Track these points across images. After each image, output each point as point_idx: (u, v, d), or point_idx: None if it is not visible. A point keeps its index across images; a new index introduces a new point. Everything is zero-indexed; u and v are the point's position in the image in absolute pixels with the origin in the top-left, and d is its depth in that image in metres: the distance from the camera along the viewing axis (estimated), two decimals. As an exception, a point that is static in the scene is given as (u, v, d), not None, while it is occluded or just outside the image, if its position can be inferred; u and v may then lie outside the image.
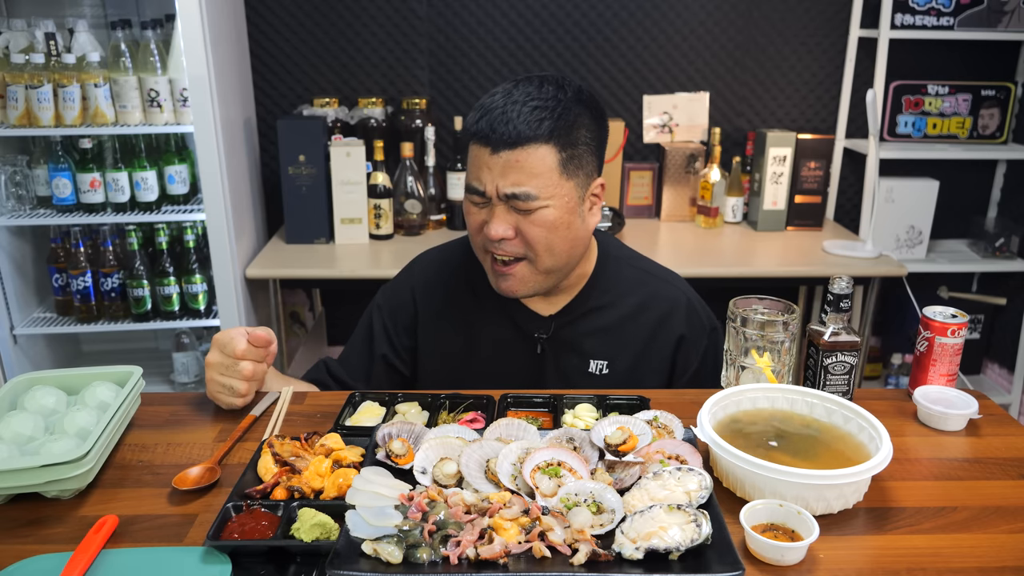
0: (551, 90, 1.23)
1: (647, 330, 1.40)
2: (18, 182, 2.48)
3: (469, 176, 1.27)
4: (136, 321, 2.54)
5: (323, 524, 0.88)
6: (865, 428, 1.03)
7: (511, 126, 1.20)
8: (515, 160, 1.21)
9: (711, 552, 0.83)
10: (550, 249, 1.27)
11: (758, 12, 2.87)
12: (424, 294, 1.45)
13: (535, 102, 1.21)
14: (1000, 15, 2.68)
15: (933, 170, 2.93)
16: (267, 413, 1.23)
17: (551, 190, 1.23)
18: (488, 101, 1.23)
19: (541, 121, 1.20)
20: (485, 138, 1.21)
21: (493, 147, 1.21)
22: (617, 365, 1.39)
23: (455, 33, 2.85)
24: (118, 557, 0.88)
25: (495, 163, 1.22)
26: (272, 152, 2.91)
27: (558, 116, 1.21)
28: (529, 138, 1.20)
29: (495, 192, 1.23)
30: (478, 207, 1.28)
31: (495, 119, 1.21)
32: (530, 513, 0.87)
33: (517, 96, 1.22)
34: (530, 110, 1.20)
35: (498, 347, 1.41)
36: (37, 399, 1.13)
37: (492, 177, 1.22)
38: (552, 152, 1.22)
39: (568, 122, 1.23)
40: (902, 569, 0.86)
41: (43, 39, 2.31)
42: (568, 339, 1.39)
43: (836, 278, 1.18)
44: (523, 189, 1.21)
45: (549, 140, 1.21)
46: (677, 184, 2.90)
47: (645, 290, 1.42)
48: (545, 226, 1.24)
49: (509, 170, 1.21)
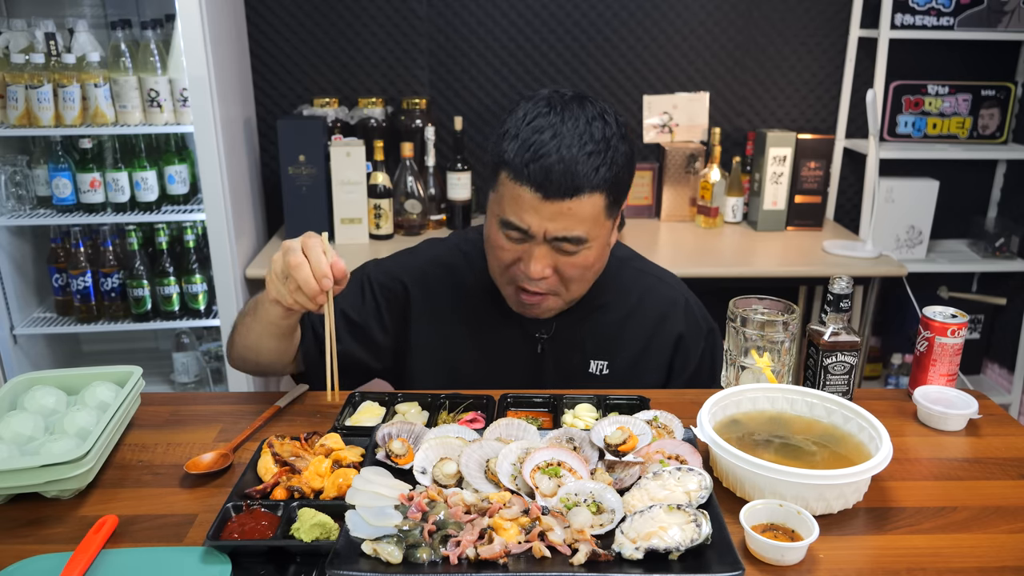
0: (599, 128, 1.18)
1: (647, 330, 1.40)
2: (18, 182, 2.48)
3: (506, 211, 1.20)
4: (136, 321, 2.54)
5: (323, 524, 0.88)
6: (865, 428, 1.03)
7: (569, 177, 1.15)
8: (568, 208, 1.17)
9: (711, 552, 0.83)
10: (581, 285, 1.29)
11: (758, 12, 2.87)
12: (421, 289, 1.42)
13: (589, 147, 1.16)
14: (1000, 15, 2.68)
15: (933, 170, 2.93)
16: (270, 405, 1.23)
17: (596, 231, 1.22)
18: (535, 138, 1.16)
19: (597, 170, 1.17)
20: (539, 185, 1.15)
21: (545, 194, 1.16)
22: (617, 365, 1.40)
23: (455, 33, 2.85)
24: (118, 557, 0.88)
25: (545, 208, 1.17)
26: (272, 152, 2.91)
27: (611, 163, 1.18)
28: (586, 188, 1.17)
29: (543, 234, 1.20)
30: (513, 243, 1.23)
31: (551, 167, 1.14)
32: (530, 513, 0.87)
33: (567, 137, 1.15)
34: (586, 156, 1.15)
35: (498, 346, 1.40)
36: (37, 399, 1.13)
37: (540, 220, 1.18)
38: (603, 198, 1.20)
39: (619, 167, 1.20)
40: (902, 569, 0.86)
41: (43, 39, 2.31)
42: (569, 339, 1.39)
43: (836, 278, 1.18)
44: (575, 234, 1.19)
45: (603, 188, 1.19)
46: (677, 184, 2.90)
47: (645, 290, 1.42)
48: (584, 266, 1.25)
49: (561, 216, 1.18)
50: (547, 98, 1.20)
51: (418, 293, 1.42)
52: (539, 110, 1.18)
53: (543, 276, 1.23)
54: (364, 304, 1.41)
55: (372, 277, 1.43)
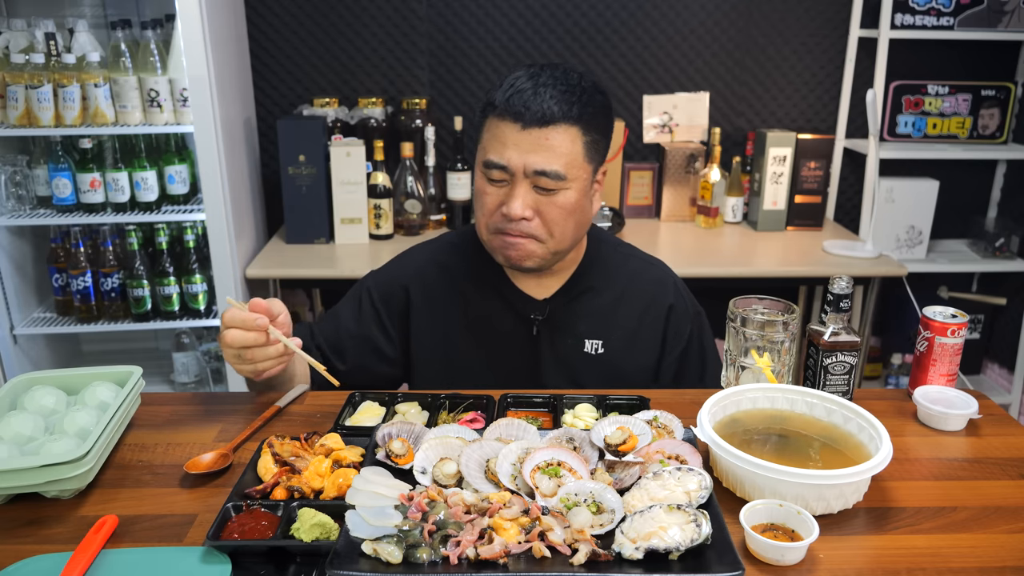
0: (575, 77, 1.27)
1: (638, 308, 1.44)
2: (18, 182, 2.48)
3: (489, 152, 1.27)
4: (136, 321, 2.54)
5: (323, 524, 0.88)
6: (865, 428, 1.03)
7: (544, 105, 1.22)
8: (545, 138, 1.23)
9: (711, 552, 0.83)
10: (564, 230, 1.30)
11: (758, 12, 2.87)
12: (418, 286, 1.45)
13: (563, 85, 1.24)
14: (1000, 15, 2.68)
15: (933, 170, 2.93)
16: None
17: (575, 172, 1.26)
18: (514, 81, 1.25)
19: (572, 104, 1.23)
20: (517, 114, 1.22)
21: (524, 123, 1.23)
22: (612, 344, 1.42)
23: (455, 33, 2.85)
24: (118, 557, 0.88)
25: (524, 140, 1.23)
26: (272, 152, 2.91)
27: (585, 102, 1.25)
28: (561, 118, 1.23)
29: (522, 169, 1.24)
30: (496, 185, 1.28)
31: (527, 97, 1.22)
32: (530, 513, 0.87)
33: (544, 79, 1.24)
34: (560, 93, 1.23)
35: (494, 331, 1.42)
36: (37, 399, 1.13)
37: (520, 153, 1.23)
38: (579, 134, 1.25)
39: (595, 108, 1.27)
40: (902, 569, 0.86)
41: (43, 39, 2.31)
42: (563, 321, 1.41)
43: (836, 278, 1.18)
44: (553, 167, 1.23)
45: (578, 122, 1.24)
46: (677, 184, 2.90)
47: (635, 272, 1.46)
48: (566, 208, 1.27)
49: (539, 148, 1.23)
50: (529, 65, 1.31)
51: (417, 291, 1.45)
52: (520, 70, 1.29)
53: (524, 216, 1.26)
54: (362, 316, 1.46)
55: (370, 288, 1.48)
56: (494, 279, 1.42)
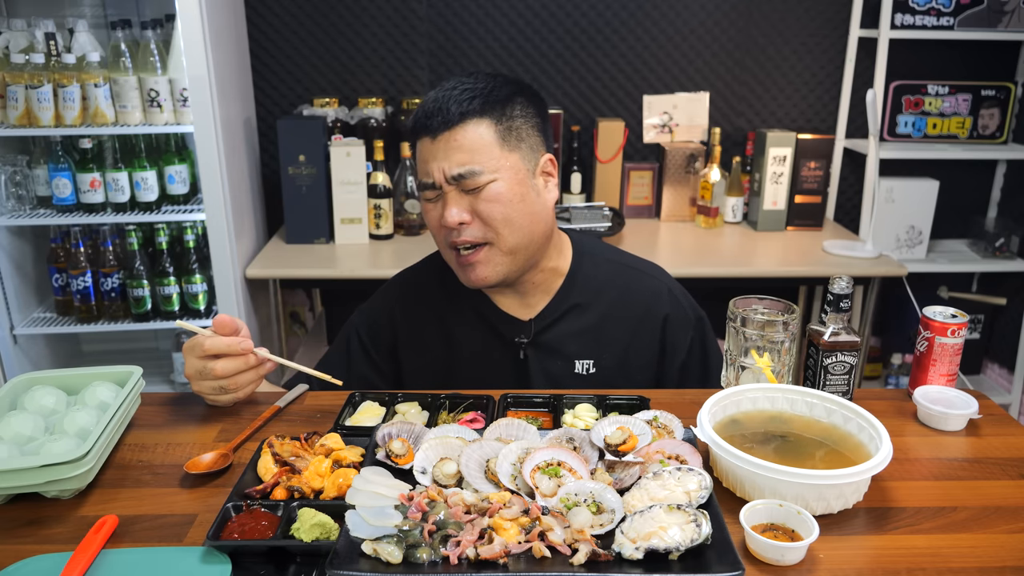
0: (482, 77, 1.29)
1: (630, 324, 1.39)
2: (18, 182, 2.48)
3: (418, 174, 1.30)
4: (136, 321, 2.54)
5: (323, 524, 0.88)
6: (865, 428, 1.03)
7: (444, 108, 1.24)
8: (453, 140, 1.24)
9: (711, 552, 0.83)
10: (509, 224, 1.27)
11: (758, 12, 2.87)
12: (404, 316, 1.45)
13: (465, 86, 1.26)
14: (1000, 15, 2.68)
15: (933, 170, 2.93)
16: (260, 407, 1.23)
17: (495, 163, 1.25)
18: (424, 101, 1.29)
19: (472, 99, 1.25)
20: (424, 127, 1.26)
21: (432, 133, 1.25)
22: (603, 363, 1.39)
23: (455, 33, 2.85)
24: (118, 557, 0.88)
25: (437, 149, 1.25)
26: (272, 152, 2.91)
27: (488, 93, 1.26)
28: (462, 115, 1.24)
29: (443, 177, 1.25)
30: (433, 202, 1.29)
31: (429, 109, 1.26)
32: (530, 513, 0.87)
33: (447, 88, 1.27)
34: (460, 92, 1.25)
35: (481, 357, 1.40)
36: (37, 399, 1.13)
37: (437, 163, 1.25)
38: (488, 126, 1.25)
39: (499, 98, 1.27)
40: (902, 569, 0.86)
41: (43, 39, 2.31)
42: (550, 342, 1.38)
43: (836, 278, 1.18)
44: (467, 167, 1.24)
45: (483, 115, 1.25)
46: (677, 184, 2.90)
47: (625, 284, 1.41)
48: (499, 200, 1.26)
49: (451, 152, 1.24)
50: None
51: (402, 322, 1.45)
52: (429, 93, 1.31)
53: (461, 221, 1.26)
54: (352, 358, 1.46)
55: (358, 326, 1.48)
56: (476, 304, 1.40)
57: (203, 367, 1.18)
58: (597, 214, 2.62)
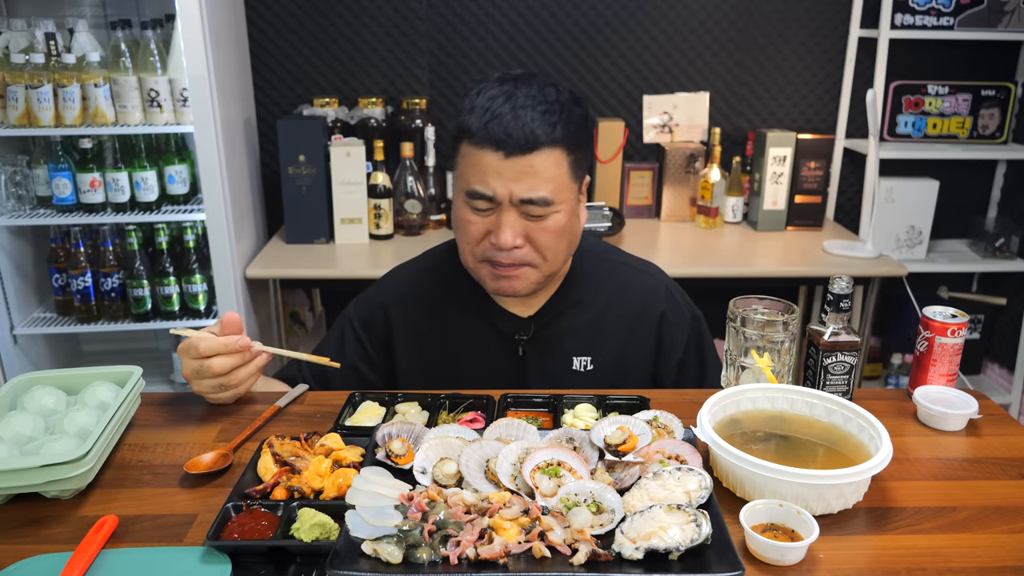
0: (552, 92, 1.21)
1: (627, 320, 1.40)
2: (18, 182, 2.48)
3: (472, 182, 1.21)
4: (136, 321, 2.54)
5: (323, 524, 0.88)
6: (865, 428, 1.03)
7: (527, 130, 1.16)
8: (529, 165, 1.18)
9: (711, 552, 0.83)
10: (556, 251, 1.26)
11: (758, 12, 2.87)
12: (399, 310, 1.43)
13: (542, 106, 1.18)
14: (1000, 15, 2.68)
15: (933, 170, 2.93)
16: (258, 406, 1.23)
17: (563, 194, 1.22)
18: (489, 103, 1.19)
19: (554, 125, 1.18)
20: (498, 142, 1.17)
21: (507, 151, 1.17)
22: (600, 359, 1.39)
23: (455, 33, 2.85)
24: (118, 557, 0.88)
25: (507, 168, 1.18)
26: (272, 152, 2.91)
27: (566, 120, 1.20)
28: (544, 142, 1.17)
29: (508, 198, 1.19)
30: (482, 214, 1.23)
31: (508, 124, 1.16)
32: (530, 513, 0.87)
33: (521, 99, 1.18)
34: (540, 114, 1.17)
35: (479, 354, 1.39)
36: (37, 399, 1.13)
37: (504, 182, 1.18)
38: (564, 156, 1.21)
39: (575, 124, 1.21)
40: (902, 569, 0.86)
41: (43, 39, 2.31)
42: (549, 339, 1.38)
43: (836, 278, 1.18)
44: (540, 194, 1.19)
45: (562, 143, 1.20)
46: (677, 184, 2.90)
47: (622, 282, 1.42)
48: (556, 231, 1.23)
49: (524, 175, 1.18)
50: (498, 77, 1.24)
51: (397, 315, 1.43)
52: (491, 86, 1.22)
53: (515, 245, 1.21)
54: (346, 350, 1.44)
55: (352, 318, 1.46)
56: (476, 300, 1.38)
57: (199, 367, 1.17)
58: (597, 214, 2.63)
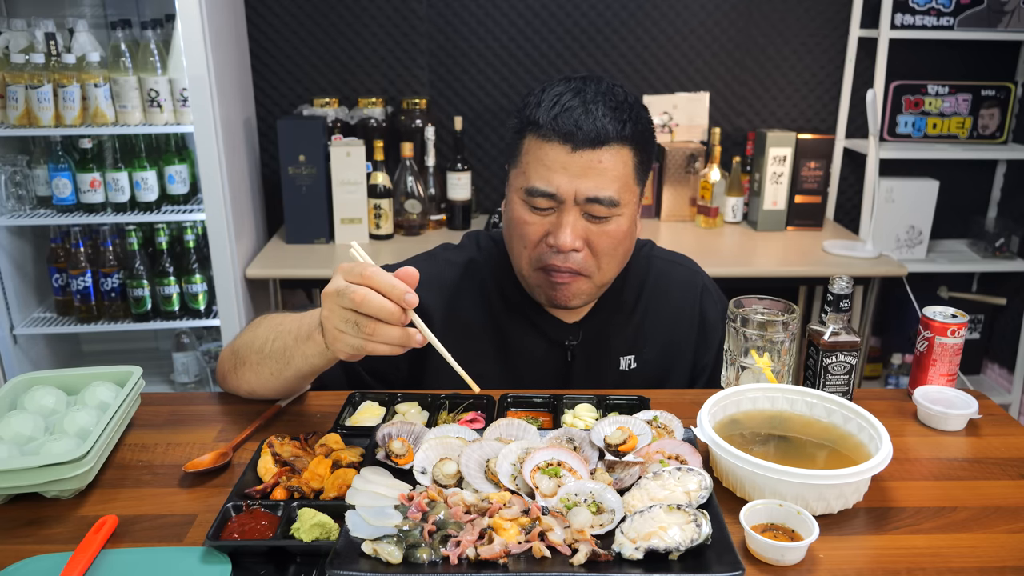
0: (621, 92, 1.17)
1: (670, 315, 1.38)
2: (18, 182, 2.48)
3: (533, 178, 1.15)
4: (136, 321, 2.54)
5: (323, 524, 0.88)
6: (865, 428, 1.03)
7: (598, 123, 1.12)
8: (597, 161, 1.13)
9: (711, 552, 0.83)
10: (613, 260, 1.21)
11: (758, 12, 2.87)
12: (441, 300, 1.32)
13: (612, 102, 1.14)
14: (1000, 15, 2.68)
15: (933, 170, 2.93)
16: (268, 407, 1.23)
17: (628, 196, 1.17)
18: (557, 97, 1.14)
19: (624, 123, 1.14)
20: (567, 134, 1.12)
21: (576, 144, 1.12)
22: (645, 356, 1.37)
23: (455, 33, 2.85)
24: (118, 557, 0.88)
25: (574, 163, 1.13)
26: (272, 152, 2.91)
27: (636, 119, 1.16)
28: (614, 137, 1.13)
29: (572, 195, 1.14)
30: (541, 214, 1.18)
31: (578, 115, 1.12)
32: (530, 513, 0.87)
33: (591, 95, 1.14)
34: (611, 110, 1.13)
35: (526, 360, 1.34)
36: (37, 399, 1.13)
37: (570, 178, 1.13)
38: (631, 155, 1.16)
39: (642, 126, 1.18)
40: (902, 569, 0.86)
41: (43, 39, 2.31)
42: (597, 342, 1.35)
43: (836, 278, 1.18)
44: (606, 193, 1.14)
45: (630, 142, 1.15)
46: (677, 184, 2.90)
47: (660, 275, 1.40)
48: (616, 237, 1.18)
49: (590, 172, 1.13)
50: (564, 78, 1.20)
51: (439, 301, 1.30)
52: (557, 83, 1.18)
53: (574, 247, 1.16)
54: None
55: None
56: (523, 305, 1.32)
57: (345, 287, 0.92)
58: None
